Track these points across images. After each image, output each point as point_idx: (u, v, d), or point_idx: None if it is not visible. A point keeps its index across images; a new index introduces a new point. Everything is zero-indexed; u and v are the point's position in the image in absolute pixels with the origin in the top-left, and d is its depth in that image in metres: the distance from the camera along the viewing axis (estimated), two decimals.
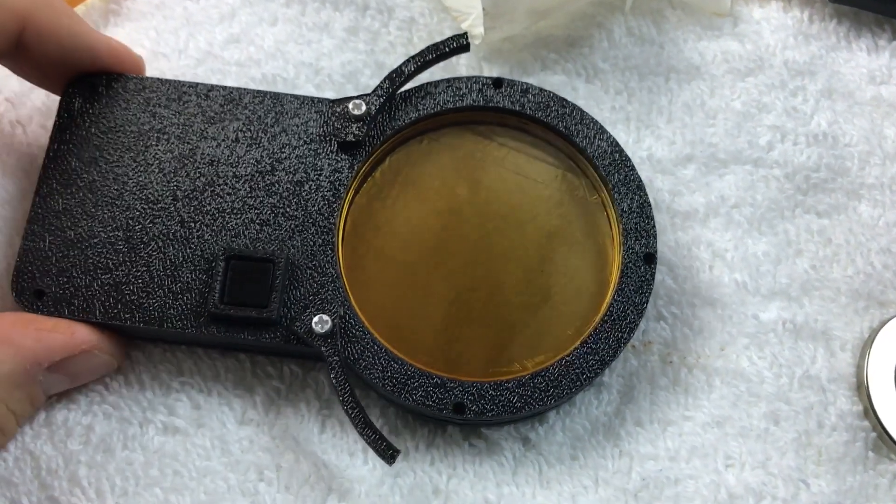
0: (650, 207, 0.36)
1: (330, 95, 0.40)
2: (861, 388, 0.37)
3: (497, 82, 0.37)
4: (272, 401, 0.36)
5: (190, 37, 0.41)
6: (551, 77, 0.41)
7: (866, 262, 0.39)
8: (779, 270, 0.38)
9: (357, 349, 0.34)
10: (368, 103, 0.36)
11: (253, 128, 0.36)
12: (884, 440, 0.36)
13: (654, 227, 0.36)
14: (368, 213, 0.36)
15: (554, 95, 0.37)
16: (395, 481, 0.35)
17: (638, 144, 0.40)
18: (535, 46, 0.42)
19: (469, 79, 0.37)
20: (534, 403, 0.34)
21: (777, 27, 0.42)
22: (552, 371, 0.34)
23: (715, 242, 0.39)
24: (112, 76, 0.37)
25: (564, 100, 0.37)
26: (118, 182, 0.36)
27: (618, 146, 0.37)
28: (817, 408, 0.36)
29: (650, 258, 0.35)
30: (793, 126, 0.40)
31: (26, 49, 0.35)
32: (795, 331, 0.37)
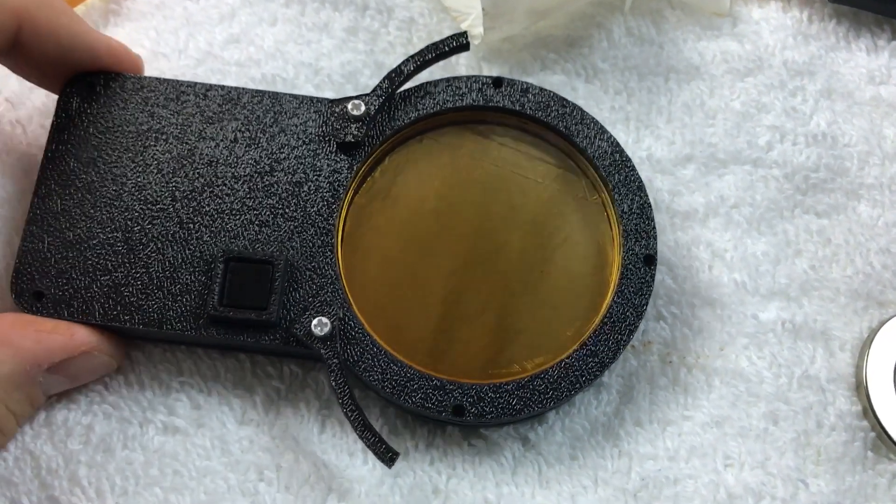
0: (651, 208, 0.36)
1: (329, 95, 0.40)
2: (860, 388, 0.37)
3: (497, 82, 0.37)
4: (272, 401, 0.36)
5: (190, 37, 0.41)
6: (551, 77, 0.41)
7: (865, 263, 0.39)
8: (778, 270, 0.38)
9: (356, 351, 0.34)
10: (368, 103, 0.36)
11: (251, 128, 0.36)
12: (883, 440, 0.36)
13: (655, 229, 0.36)
14: (368, 214, 0.36)
15: (554, 95, 0.37)
16: (395, 481, 0.35)
17: (637, 144, 0.40)
18: (535, 46, 0.41)
19: (469, 78, 0.37)
20: (533, 405, 0.34)
21: (776, 27, 0.42)
22: (551, 373, 0.34)
23: (714, 242, 0.39)
24: (110, 75, 0.37)
25: (565, 99, 0.37)
26: (116, 182, 0.35)
27: (618, 146, 0.37)
28: (816, 408, 0.36)
29: (650, 260, 0.35)
30: (792, 126, 0.40)
31: (24, 47, 0.35)
32: (794, 331, 0.37)
